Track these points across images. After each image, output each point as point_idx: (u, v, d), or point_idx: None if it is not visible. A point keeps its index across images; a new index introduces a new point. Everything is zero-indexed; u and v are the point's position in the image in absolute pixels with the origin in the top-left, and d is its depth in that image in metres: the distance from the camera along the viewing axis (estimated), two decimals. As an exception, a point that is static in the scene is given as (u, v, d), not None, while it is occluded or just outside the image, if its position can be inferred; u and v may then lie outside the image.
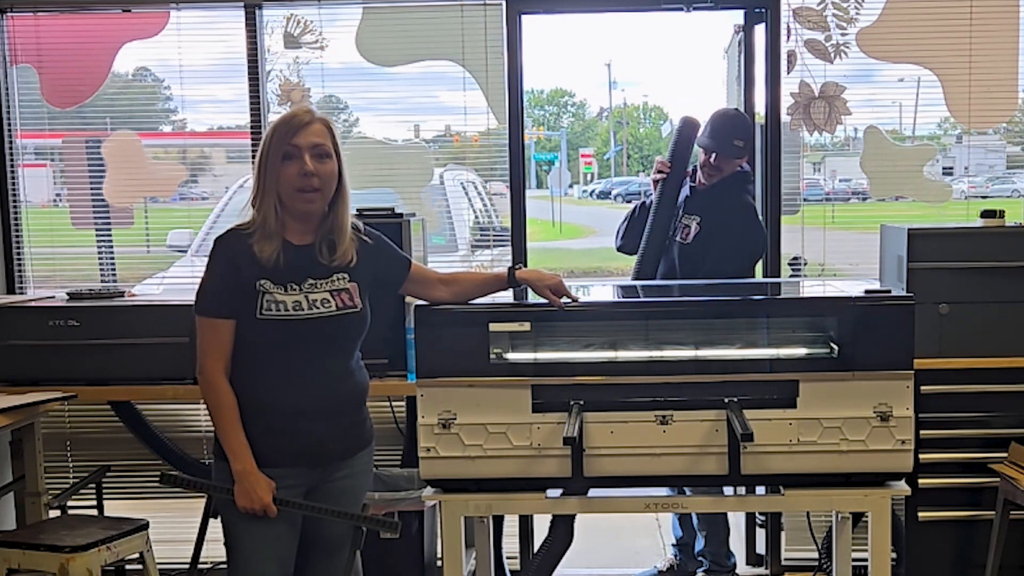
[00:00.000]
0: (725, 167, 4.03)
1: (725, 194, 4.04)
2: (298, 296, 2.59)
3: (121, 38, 4.47)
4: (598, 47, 70.34)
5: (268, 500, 2.55)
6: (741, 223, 3.99)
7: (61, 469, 4.48)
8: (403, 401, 4.25)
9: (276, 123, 2.61)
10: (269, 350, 2.59)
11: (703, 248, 4.00)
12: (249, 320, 2.56)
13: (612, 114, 40.82)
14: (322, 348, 2.63)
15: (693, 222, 4.06)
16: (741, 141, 4.01)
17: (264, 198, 2.59)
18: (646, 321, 3.12)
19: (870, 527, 2.99)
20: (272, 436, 2.61)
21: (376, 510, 3.83)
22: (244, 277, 2.56)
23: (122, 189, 4.53)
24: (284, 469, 2.63)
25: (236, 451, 2.57)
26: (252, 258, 2.57)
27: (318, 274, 2.63)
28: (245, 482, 2.56)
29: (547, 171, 29.95)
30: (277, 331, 2.57)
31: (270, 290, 2.56)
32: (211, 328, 2.58)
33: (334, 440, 2.70)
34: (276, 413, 2.60)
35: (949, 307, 3.77)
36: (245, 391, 2.60)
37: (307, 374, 2.62)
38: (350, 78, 4.49)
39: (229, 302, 2.57)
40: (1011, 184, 7.03)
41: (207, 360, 2.58)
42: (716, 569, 4.21)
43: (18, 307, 4.03)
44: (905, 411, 2.94)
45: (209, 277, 2.61)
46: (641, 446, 2.96)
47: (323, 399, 2.65)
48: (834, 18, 4.26)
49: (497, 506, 3.09)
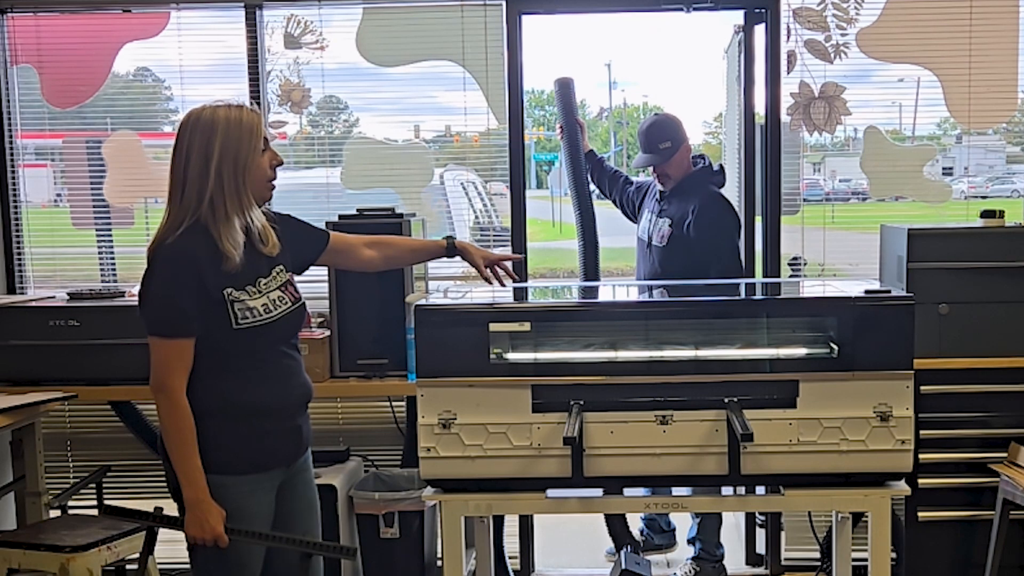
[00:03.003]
0: (672, 171, 4.21)
1: (690, 191, 4.18)
2: (260, 298, 2.53)
3: (121, 38, 4.47)
4: (598, 47, 70.29)
5: (220, 530, 2.45)
6: (710, 213, 4.11)
7: (61, 469, 4.49)
8: (403, 401, 4.25)
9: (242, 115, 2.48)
10: (249, 356, 2.53)
11: (682, 246, 4.13)
12: (224, 331, 2.47)
13: (612, 114, 40.78)
14: (287, 344, 2.62)
15: (665, 224, 4.20)
16: (667, 142, 4.17)
17: (227, 195, 2.45)
18: (646, 321, 3.12)
19: (870, 527, 2.99)
20: (270, 438, 2.58)
21: (376, 510, 3.85)
22: (210, 288, 2.44)
23: (122, 189, 4.53)
24: (275, 471, 2.61)
25: (193, 478, 2.44)
26: (212, 266, 2.44)
27: (263, 272, 2.57)
28: (197, 511, 2.44)
29: (547, 171, 29.93)
30: (255, 337, 2.51)
31: (239, 298, 2.48)
32: (176, 348, 2.44)
33: (307, 432, 2.71)
34: (267, 415, 2.56)
35: (949, 307, 3.77)
36: (231, 397, 2.51)
37: (283, 372, 2.60)
38: (350, 78, 4.49)
39: (198, 318, 2.45)
40: (1011, 184, 7.01)
41: (171, 379, 2.43)
42: (705, 557, 4.27)
43: (18, 307, 4.03)
44: (905, 411, 2.94)
45: (167, 294, 2.43)
46: (641, 446, 2.96)
47: (297, 393, 2.64)
48: (834, 18, 4.26)
49: (497, 506, 3.09)
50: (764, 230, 4.37)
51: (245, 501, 2.53)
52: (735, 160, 4.61)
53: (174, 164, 2.49)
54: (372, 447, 4.39)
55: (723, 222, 4.13)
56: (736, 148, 4.57)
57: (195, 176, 2.45)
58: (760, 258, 4.40)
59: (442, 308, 3.05)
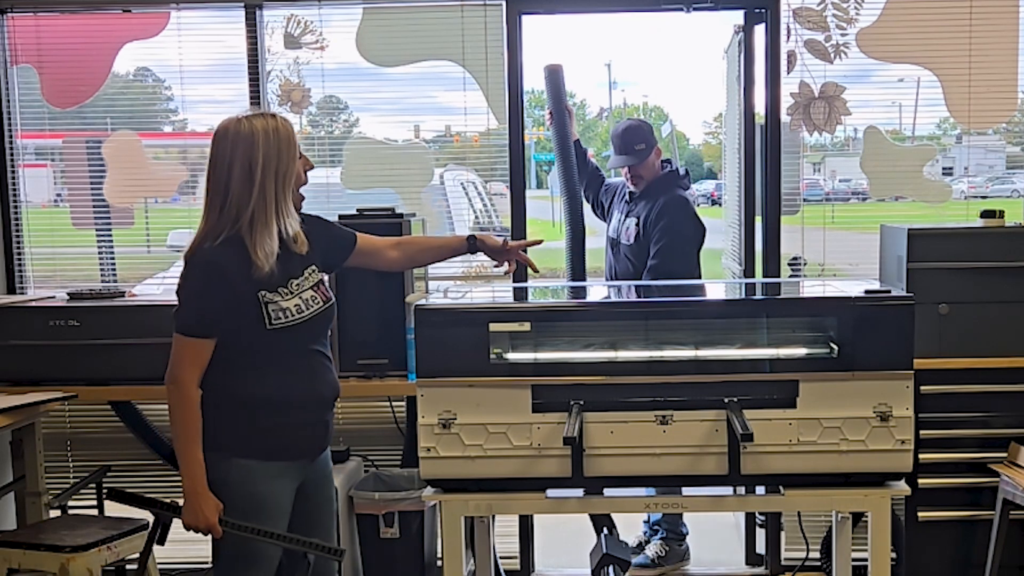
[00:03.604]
0: (643, 172, 4.41)
1: (658, 193, 4.38)
2: (293, 299, 2.64)
3: (121, 38, 4.47)
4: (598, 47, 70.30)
5: (214, 520, 2.56)
6: (669, 214, 4.30)
7: (61, 469, 4.49)
8: (403, 401, 4.25)
9: (279, 125, 2.60)
10: (282, 354, 2.64)
11: (648, 245, 4.32)
12: (258, 331, 2.58)
13: (612, 114, 40.78)
14: (319, 343, 2.74)
15: (632, 223, 4.40)
16: (641, 144, 4.38)
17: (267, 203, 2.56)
18: (646, 321, 3.12)
19: (870, 527, 2.99)
20: (297, 430, 2.69)
21: (376, 510, 3.85)
22: (242, 291, 2.56)
23: (122, 189, 4.53)
24: (300, 462, 2.72)
25: (193, 469, 2.57)
26: (244, 274, 2.55)
27: (296, 272, 2.67)
28: (194, 502, 2.56)
29: (547, 171, 29.91)
30: (288, 336, 2.62)
31: (273, 299, 2.59)
32: (195, 346, 2.57)
33: (331, 428, 2.83)
34: (297, 408, 2.68)
35: (949, 307, 3.78)
36: (266, 390, 2.63)
37: (314, 368, 2.71)
38: (350, 78, 4.49)
39: (223, 321, 2.57)
40: (1011, 184, 7.02)
41: (185, 373, 2.56)
42: (672, 537, 4.48)
43: (18, 307, 4.03)
44: (905, 411, 2.94)
45: (197, 297, 2.57)
46: (641, 446, 2.96)
47: (329, 388, 2.77)
48: (834, 18, 4.26)
49: (497, 506, 3.09)
50: (764, 230, 4.37)
51: (269, 486, 2.65)
52: (735, 160, 4.62)
53: (214, 175, 2.58)
54: (372, 447, 4.39)
55: (679, 226, 4.31)
56: (736, 148, 4.57)
57: (239, 188, 2.55)
58: (760, 258, 4.40)
59: (442, 308, 3.05)
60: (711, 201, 20.24)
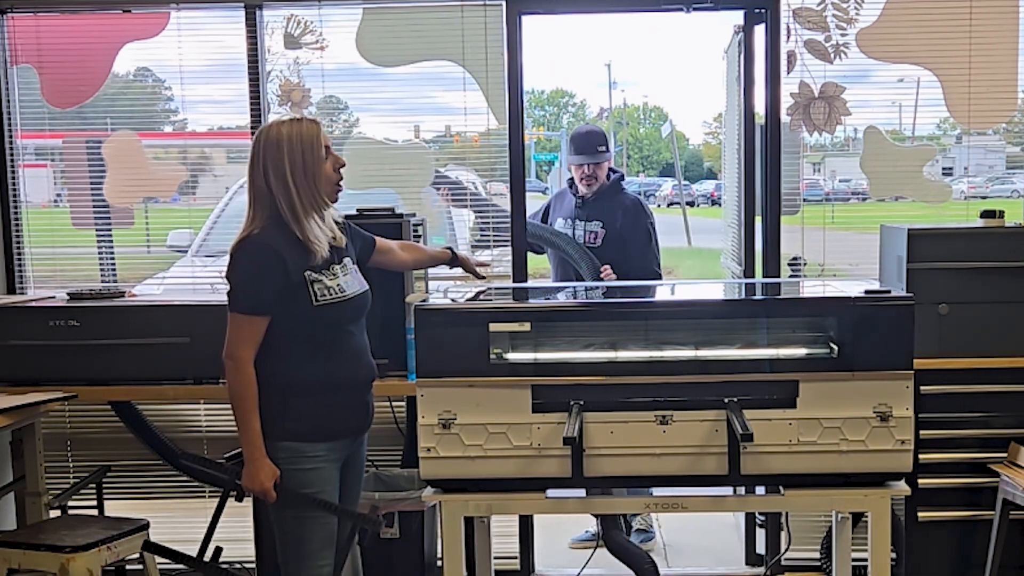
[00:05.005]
0: (600, 174, 4.73)
1: (614, 195, 4.75)
2: (336, 280, 2.87)
3: (121, 38, 4.47)
4: (598, 47, 70.36)
5: (268, 485, 2.79)
6: (648, 219, 4.74)
7: (61, 469, 4.48)
8: (403, 401, 4.25)
9: (303, 129, 2.83)
10: (328, 331, 2.85)
11: (619, 245, 4.63)
12: (305, 309, 2.80)
13: (612, 114, 40.82)
14: (358, 325, 2.95)
15: (597, 226, 4.68)
16: (603, 146, 4.78)
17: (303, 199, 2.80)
18: (646, 321, 3.12)
19: (870, 527, 2.99)
20: (342, 411, 2.90)
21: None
22: (292, 271, 2.78)
23: (122, 189, 4.53)
24: (345, 441, 2.93)
25: (250, 437, 2.79)
26: (294, 253, 2.78)
27: (336, 260, 2.92)
28: (252, 467, 2.80)
29: (547, 171, 29.92)
30: (333, 313, 2.84)
31: (318, 279, 2.82)
32: (251, 323, 2.78)
33: (372, 409, 3.02)
34: (341, 389, 2.88)
35: (949, 307, 3.78)
36: (310, 372, 2.83)
37: (355, 349, 2.92)
38: (350, 78, 4.49)
39: (277, 299, 2.78)
40: (1011, 184, 7.03)
41: (242, 350, 2.77)
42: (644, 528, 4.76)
43: (18, 307, 4.03)
44: (905, 411, 2.94)
45: (250, 277, 2.78)
46: (641, 446, 2.96)
47: (368, 370, 2.98)
48: (834, 18, 4.26)
49: (497, 506, 3.09)
50: (764, 230, 4.37)
51: (318, 466, 2.86)
52: (735, 160, 4.62)
53: (254, 177, 2.84)
54: (372, 447, 4.36)
55: (652, 226, 4.74)
56: (736, 148, 4.57)
57: (278, 188, 2.81)
58: (760, 258, 4.40)
59: (442, 308, 3.06)
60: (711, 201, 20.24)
